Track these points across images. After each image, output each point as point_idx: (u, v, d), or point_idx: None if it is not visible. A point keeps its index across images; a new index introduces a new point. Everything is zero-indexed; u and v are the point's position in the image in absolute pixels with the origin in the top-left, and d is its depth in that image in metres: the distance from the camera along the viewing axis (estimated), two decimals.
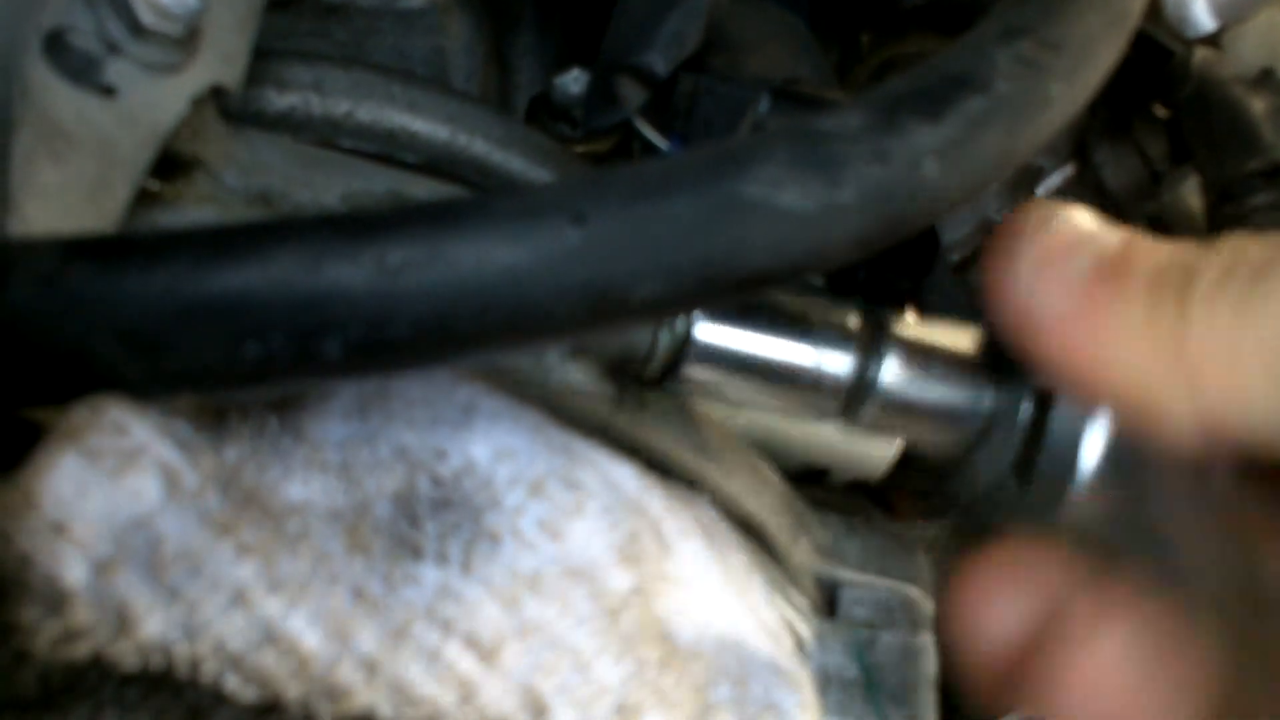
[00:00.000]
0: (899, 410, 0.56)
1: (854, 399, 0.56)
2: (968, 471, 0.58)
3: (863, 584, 0.72)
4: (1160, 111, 0.98)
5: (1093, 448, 0.52)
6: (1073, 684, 0.53)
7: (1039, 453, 0.54)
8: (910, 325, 0.57)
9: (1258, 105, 0.87)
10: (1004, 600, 0.55)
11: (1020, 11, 0.49)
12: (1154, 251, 0.49)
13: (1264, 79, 0.89)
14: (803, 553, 0.66)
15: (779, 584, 0.61)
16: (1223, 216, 0.86)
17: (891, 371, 0.55)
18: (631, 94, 0.72)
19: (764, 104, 0.69)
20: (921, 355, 0.56)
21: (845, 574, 0.72)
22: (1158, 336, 0.47)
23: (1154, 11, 0.88)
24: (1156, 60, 0.92)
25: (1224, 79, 0.89)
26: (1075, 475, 0.53)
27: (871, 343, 0.56)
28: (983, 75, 0.46)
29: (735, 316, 0.55)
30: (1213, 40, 0.90)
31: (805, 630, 0.63)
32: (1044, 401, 0.54)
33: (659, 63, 0.70)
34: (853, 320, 0.56)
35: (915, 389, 0.56)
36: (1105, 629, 0.52)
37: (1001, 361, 0.55)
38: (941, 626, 0.58)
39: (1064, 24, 0.49)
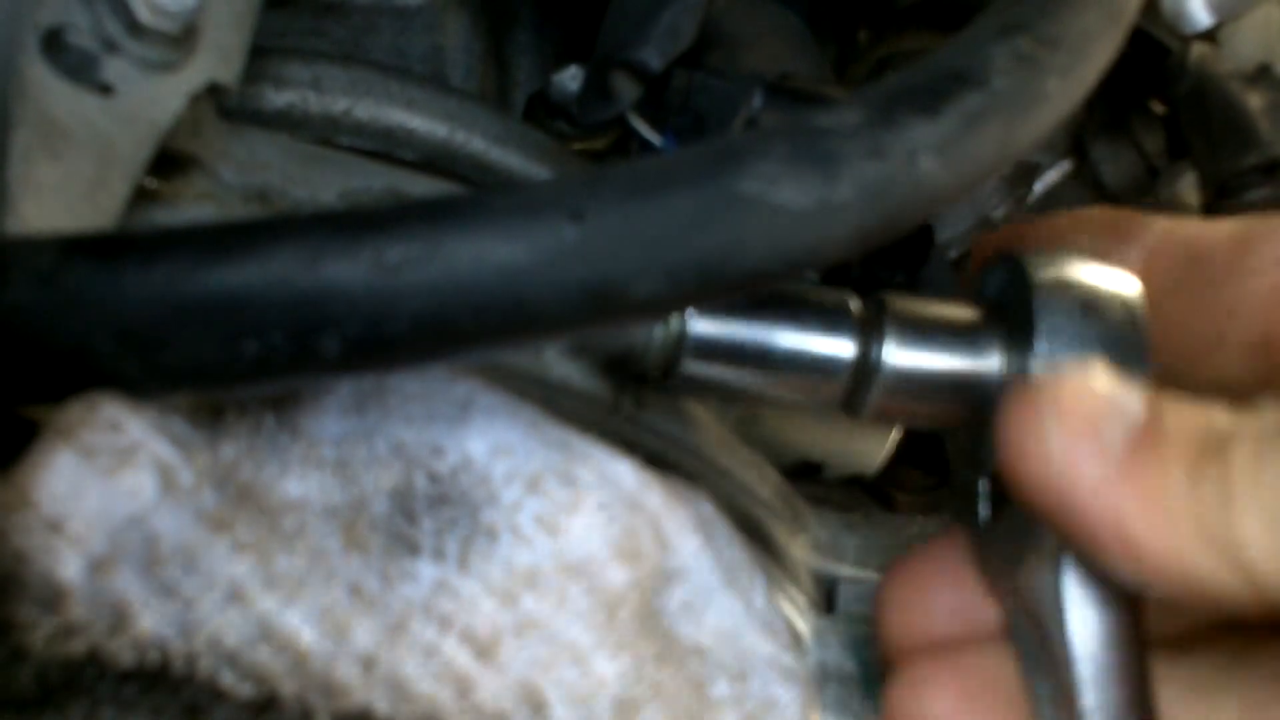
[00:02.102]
0: (907, 388, 0.54)
1: (858, 382, 0.54)
2: (965, 453, 0.57)
3: (861, 580, 0.72)
4: (1157, 107, 0.99)
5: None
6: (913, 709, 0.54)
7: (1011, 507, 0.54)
8: (908, 301, 0.56)
9: (1254, 101, 0.87)
10: (924, 600, 0.56)
11: (1017, 8, 0.49)
12: (1186, 418, 0.48)
13: (1261, 74, 0.89)
14: (801, 549, 0.66)
15: (777, 580, 0.61)
16: (1220, 212, 0.86)
17: (895, 347, 0.54)
18: (626, 89, 0.72)
19: (758, 99, 0.69)
20: (923, 326, 0.54)
21: (843, 570, 0.72)
22: (1202, 512, 0.46)
23: (1151, 7, 0.88)
24: (1153, 56, 0.92)
25: (1221, 75, 0.89)
26: (1037, 538, 0.52)
27: (871, 321, 0.55)
28: (980, 71, 0.46)
29: (731, 307, 0.54)
30: (1209, 36, 0.90)
31: (804, 626, 0.63)
32: (1054, 366, 0.53)
33: (653, 58, 0.70)
34: (851, 302, 0.55)
35: (921, 362, 0.54)
36: (961, 673, 0.54)
37: (1008, 324, 0.54)
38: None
39: (1061, 20, 0.49)
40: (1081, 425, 0.48)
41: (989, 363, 0.54)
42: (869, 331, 0.54)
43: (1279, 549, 0.45)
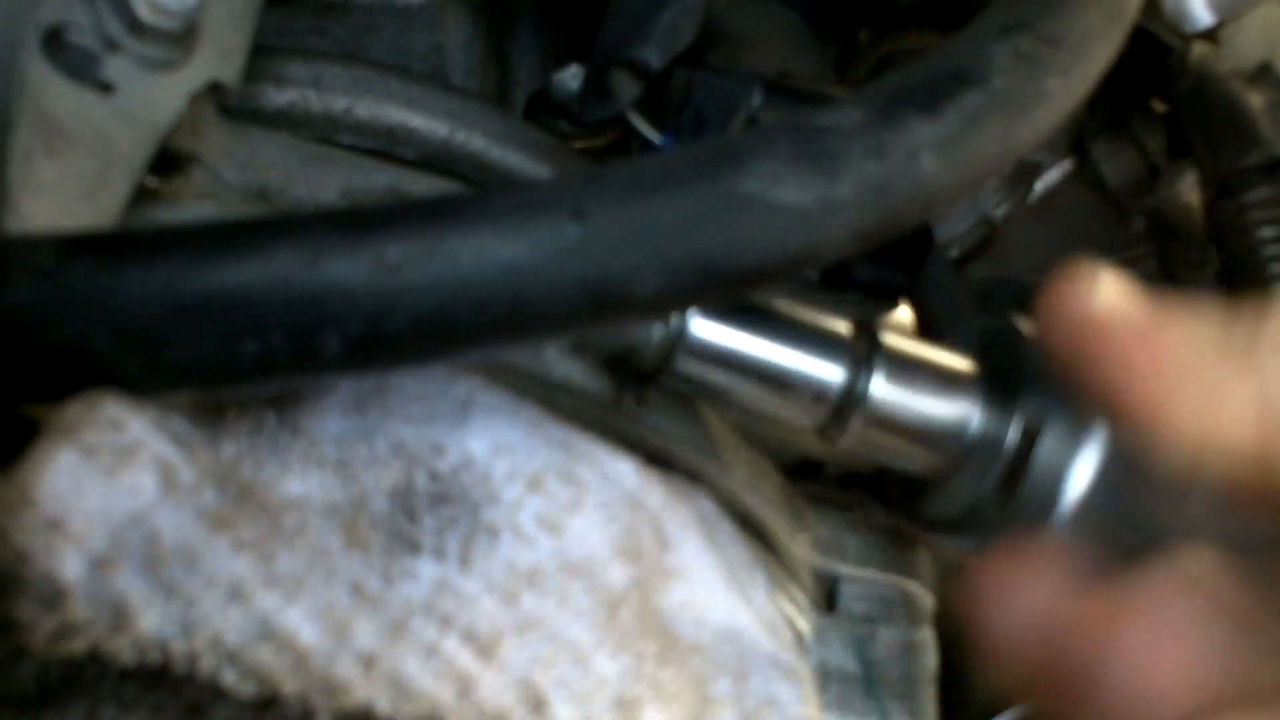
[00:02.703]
0: (883, 427, 0.56)
1: (841, 409, 0.55)
2: (945, 492, 0.58)
3: (862, 579, 0.72)
4: (1158, 106, 0.98)
5: (1080, 480, 0.52)
6: (1126, 658, 0.52)
7: (1021, 484, 0.54)
8: (902, 340, 0.57)
9: (1256, 100, 0.87)
10: (1023, 590, 0.55)
11: (1018, 7, 0.49)
12: (1213, 311, 0.49)
13: (1262, 74, 0.89)
14: (802, 548, 0.66)
15: (779, 579, 0.61)
16: (1221, 211, 0.85)
17: (880, 385, 0.55)
18: (625, 88, 0.72)
19: (757, 98, 0.69)
20: (911, 371, 0.56)
21: (845, 569, 0.72)
22: (1231, 348, 0.47)
23: (1152, 6, 0.88)
24: (1154, 55, 0.92)
25: (1222, 74, 0.89)
26: (1057, 508, 0.53)
27: (863, 354, 0.55)
28: (980, 70, 0.46)
29: (731, 316, 0.55)
30: (1211, 35, 0.90)
31: (805, 625, 0.63)
32: (1030, 433, 0.54)
33: (653, 56, 0.70)
34: (846, 329, 0.56)
35: (902, 405, 0.56)
36: (1155, 603, 0.52)
37: (993, 384, 0.55)
38: (955, 618, 0.58)
39: (1062, 19, 0.49)
40: (1117, 289, 0.49)
41: (968, 418, 0.56)
42: (859, 362, 0.55)
43: None
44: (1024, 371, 0.54)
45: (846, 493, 0.78)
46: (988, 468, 0.55)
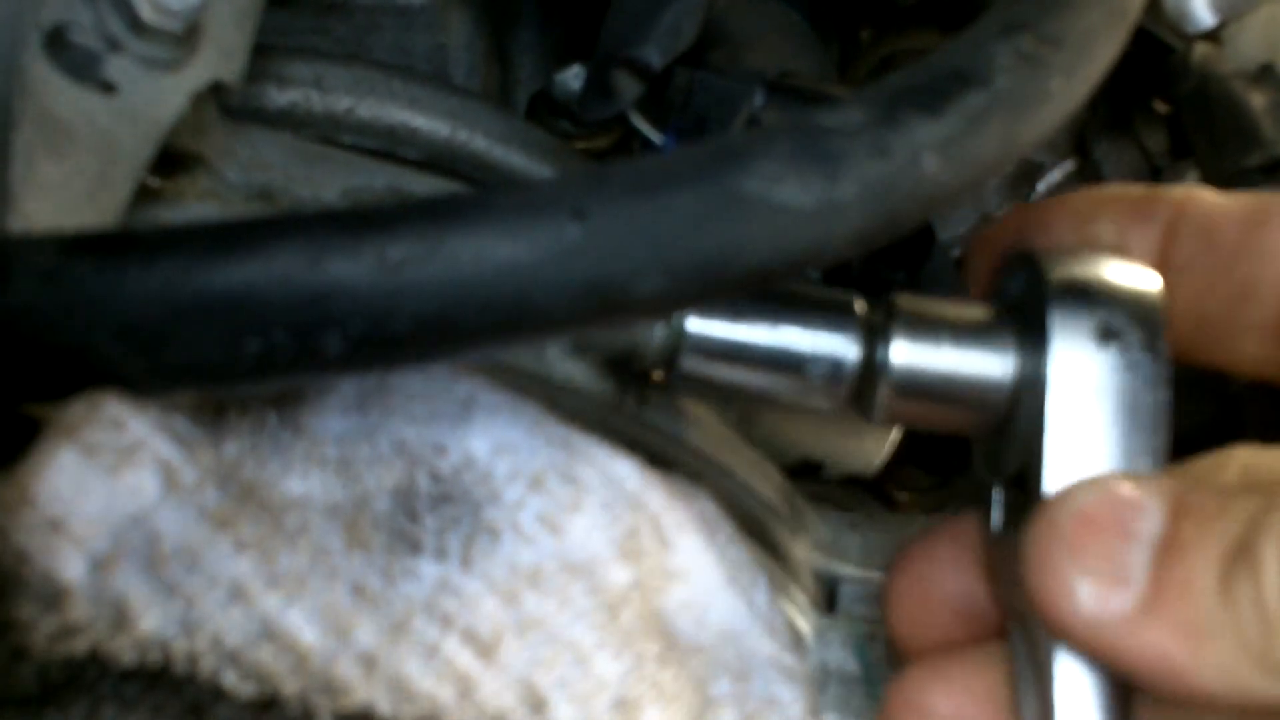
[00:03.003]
0: (915, 391, 0.54)
1: (865, 383, 0.54)
2: (1010, 444, 0.54)
3: (863, 580, 0.72)
4: (1160, 107, 0.98)
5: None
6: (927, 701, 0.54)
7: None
8: (915, 299, 0.55)
9: (1258, 100, 0.87)
10: (935, 587, 0.56)
11: (1020, 7, 0.49)
12: (1208, 517, 0.48)
13: (1264, 74, 0.89)
14: (803, 548, 0.66)
15: (779, 579, 0.61)
16: None
17: (901, 349, 0.53)
18: (627, 87, 0.72)
19: (759, 97, 0.69)
20: (932, 325, 0.53)
21: (845, 570, 0.72)
22: (1242, 629, 0.46)
23: (1154, 7, 0.88)
24: (1156, 56, 0.92)
25: (1224, 74, 0.89)
26: None
27: (878, 321, 0.54)
28: (983, 70, 0.46)
29: (732, 305, 0.54)
30: (1213, 35, 0.90)
31: (805, 626, 0.63)
32: None
33: (654, 56, 0.70)
34: (856, 302, 0.55)
35: (929, 362, 0.53)
36: (966, 671, 0.53)
37: (1021, 319, 0.54)
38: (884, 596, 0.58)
39: (1064, 19, 0.49)
40: (1101, 561, 0.48)
41: (1002, 364, 0.53)
42: (874, 332, 0.54)
43: None
44: (1050, 306, 0.52)
45: (847, 493, 0.78)
46: (1022, 431, 0.53)
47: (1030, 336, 0.53)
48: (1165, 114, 0.98)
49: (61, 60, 0.50)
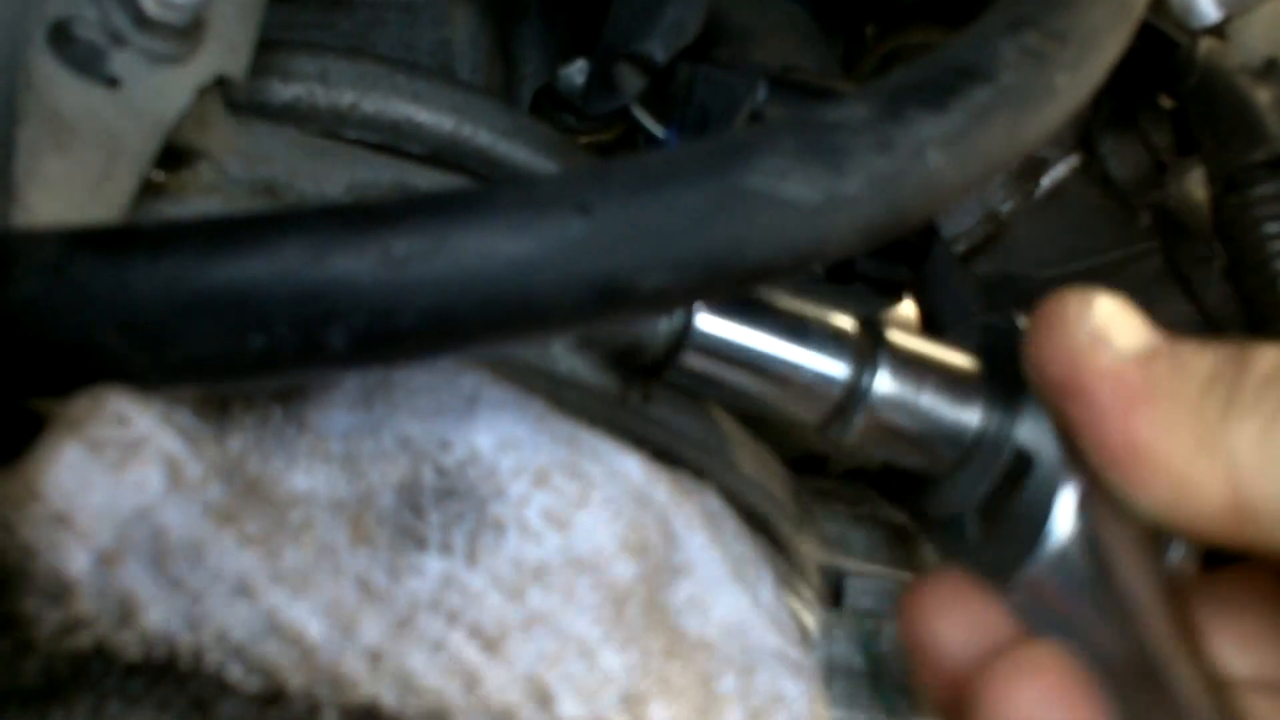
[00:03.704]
0: (886, 424, 0.55)
1: (845, 406, 0.55)
2: (940, 493, 0.57)
3: (868, 574, 0.72)
4: (1165, 102, 0.98)
5: (1063, 523, 0.52)
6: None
7: (1006, 513, 0.54)
8: (907, 337, 0.56)
9: (1263, 96, 0.87)
10: (954, 620, 0.56)
11: (1026, 3, 0.49)
12: (1202, 352, 0.49)
13: (1269, 70, 0.89)
14: (809, 543, 0.66)
15: (785, 574, 0.61)
16: (1227, 207, 0.85)
17: (885, 382, 0.55)
18: (630, 81, 0.72)
19: (761, 92, 0.69)
20: (915, 369, 0.55)
21: (851, 564, 0.72)
22: (1202, 419, 0.48)
23: (1159, 2, 0.88)
24: (1162, 51, 0.92)
25: (1229, 70, 0.89)
26: (1037, 549, 0.52)
27: (868, 351, 0.55)
28: (988, 66, 0.46)
29: (736, 311, 0.54)
30: (1218, 31, 0.90)
31: (811, 621, 0.63)
32: (1023, 461, 0.54)
33: (658, 50, 0.70)
34: (851, 326, 0.56)
35: (905, 403, 0.55)
36: (1029, 677, 0.53)
37: (995, 387, 0.55)
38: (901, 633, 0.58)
39: (1069, 15, 0.49)
40: (1107, 324, 0.49)
41: (968, 417, 0.55)
42: (864, 359, 0.55)
43: (1266, 464, 0.47)
44: (1025, 383, 0.54)
45: (852, 489, 0.78)
46: (982, 475, 0.55)
47: (1003, 398, 0.55)
48: (1170, 109, 0.98)
49: (66, 55, 0.50)
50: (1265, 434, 0.47)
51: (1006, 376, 0.54)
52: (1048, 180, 1.05)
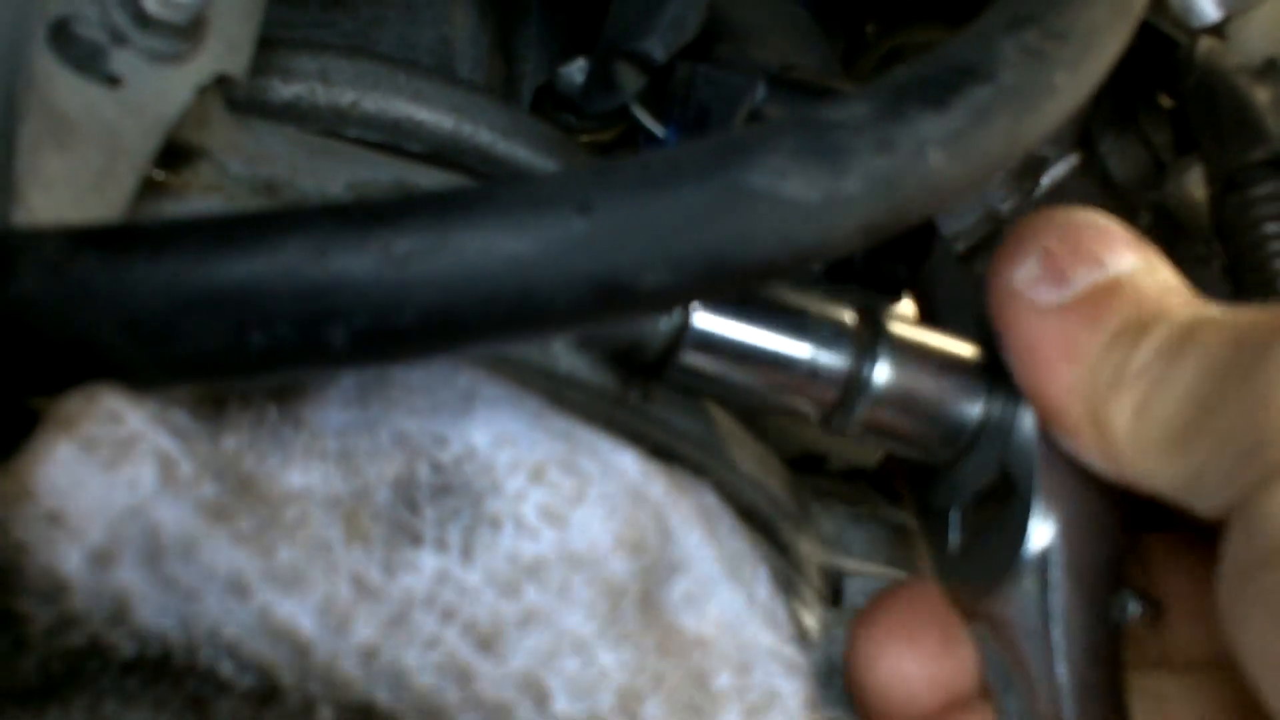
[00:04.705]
0: (887, 415, 0.55)
1: (846, 398, 0.55)
2: (940, 484, 0.57)
3: (868, 574, 0.72)
4: (1165, 101, 0.98)
5: (1031, 564, 0.52)
6: None
7: (984, 535, 0.55)
8: (907, 327, 0.56)
9: (1262, 95, 0.87)
10: (908, 661, 0.56)
11: (1026, 1, 0.49)
12: (1148, 287, 0.50)
13: (1269, 69, 0.89)
14: (807, 542, 0.66)
15: (783, 573, 0.61)
16: (1227, 206, 0.85)
17: (885, 372, 0.55)
18: (629, 80, 0.71)
19: (760, 91, 0.69)
20: (916, 359, 0.55)
21: (850, 564, 0.72)
22: (1095, 378, 0.49)
23: (1159, 2, 0.88)
24: (1161, 50, 0.92)
25: (1229, 69, 0.89)
26: (1005, 581, 0.52)
27: (867, 342, 0.55)
28: (988, 65, 0.46)
29: (734, 307, 0.54)
30: (1217, 30, 0.90)
31: (812, 620, 0.63)
32: (1006, 483, 0.54)
33: (657, 49, 0.70)
34: (850, 318, 0.56)
35: (906, 394, 0.55)
36: None
37: (997, 376, 0.55)
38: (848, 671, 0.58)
39: (1069, 14, 0.49)
40: (1054, 259, 0.51)
41: (971, 406, 0.55)
42: (864, 351, 0.55)
43: (1138, 437, 0.48)
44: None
45: (851, 488, 0.78)
46: (984, 464, 0.55)
47: (1005, 384, 0.55)
48: (1170, 108, 0.98)
49: (66, 53, 0.50)
50: (1139, 413, 0.47)
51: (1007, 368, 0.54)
52: (1047, 179, 1.05)
